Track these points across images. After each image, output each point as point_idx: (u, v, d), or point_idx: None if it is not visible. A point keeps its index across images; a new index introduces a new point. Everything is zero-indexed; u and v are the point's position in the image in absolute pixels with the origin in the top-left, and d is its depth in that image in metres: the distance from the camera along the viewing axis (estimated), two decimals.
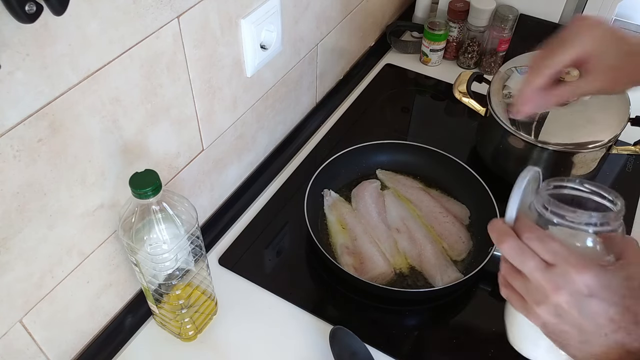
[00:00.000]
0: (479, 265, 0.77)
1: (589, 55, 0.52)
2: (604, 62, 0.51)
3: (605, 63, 0.51)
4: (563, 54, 0.52)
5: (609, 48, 0.51)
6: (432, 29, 1.16)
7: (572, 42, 0.51)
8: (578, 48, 0.51)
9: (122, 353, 0.74)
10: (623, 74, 0.53)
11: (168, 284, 0.67)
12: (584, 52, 0.51)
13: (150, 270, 0.66)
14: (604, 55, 0.51)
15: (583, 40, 0.51)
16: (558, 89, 0.55)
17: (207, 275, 0.72)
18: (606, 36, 0.51)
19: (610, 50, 0.51)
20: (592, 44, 0.51)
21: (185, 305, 0.70)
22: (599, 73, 0.52)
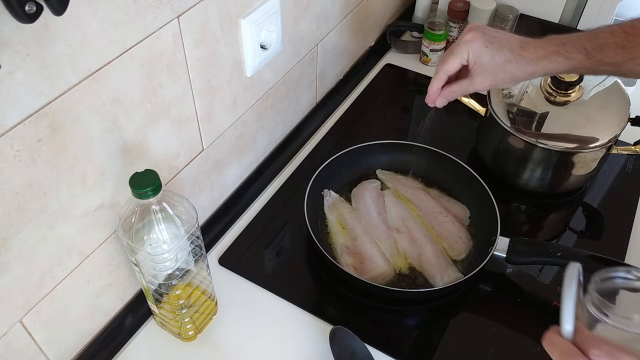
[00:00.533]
0: (479, 265, 0.77)
1: (470, 63, 0.66)
2: (481, 68, 0.65)
3: (482, 69, 0.65)
4: (451, 63, 0.67)
5: (484, 58, 0.65)
6: (432, 29, 1.16)
7: (456, 53, 0.66)
8: (459, 58, 0.66)
9: (122, 353, 0.74)
10: (500, 77, 0.66)
11: (168, 284, 0.67)
12: (465, 60, 0.66)
13: (150, 270, 0.66)
14: (480, 65, 0.65)
15: (463, 53, 0.66)
16: (451, 87, 0.69)
17: (207, 275, 0.72)
18: (482, 50, 0.65)
19: (485, 60, 0.65)
20: (470, 55, 0.65)
21: (185, 305, 0.70)
22: (479, 76, 0.66)
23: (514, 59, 0.65)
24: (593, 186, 0.97)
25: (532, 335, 0.76)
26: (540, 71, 0.65)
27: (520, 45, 0.65)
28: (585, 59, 0.63)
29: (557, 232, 0.92)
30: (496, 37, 0.66)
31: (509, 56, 0.65)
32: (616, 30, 0.62)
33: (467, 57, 0.66)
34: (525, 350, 0.74)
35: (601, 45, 0.62)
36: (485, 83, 0.67)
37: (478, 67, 0.66)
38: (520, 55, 0.65)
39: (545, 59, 0.64)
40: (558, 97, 0.86)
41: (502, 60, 0.65)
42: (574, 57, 0.64)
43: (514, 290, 0.82)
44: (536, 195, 0.95)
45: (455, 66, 0.67)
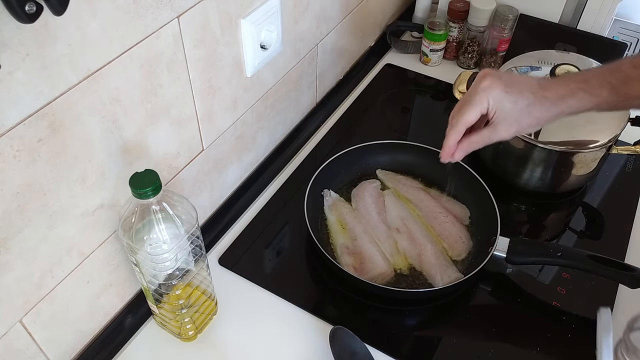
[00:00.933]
0: (479, 265, 0.77)
1: (490, 112, 0.62)
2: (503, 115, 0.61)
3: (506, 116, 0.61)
4: (469, 115, 0.62)
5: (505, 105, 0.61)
6: (432, 29, 1.16)
7: (475, 103, 0.61)
8: (479, 107, 0.61)
9: (122, 353, 0.74)
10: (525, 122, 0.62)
11: (168, 284, 0.67)
12: (485, 110, 0.62)
13: (150, 270, 0.66)
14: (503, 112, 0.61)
15: (483, 102, 0.61)
16: (471, 138, 0.64)
17: (207, 275, 0.72)
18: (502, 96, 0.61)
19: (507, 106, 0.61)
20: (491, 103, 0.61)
21: (185, 305, 0.70)
22: (503, 124, 0.62)
23: (537, 101, 0.61)
24: (593, 186, 0.97)
25: (532, 335, 0.76)
26: (567, 110, 0.61)
27: (541, 86, 0.62)
28: (611, 94, 0.60)
29: (557, 232, 0.92)
30: (515, 81, 0.62)
31: (532, 99, 0.61)
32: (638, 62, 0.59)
33: (488, 105, 0.61)
34: (525, 350, 0.74)
35: (626, 79, 0.59)
36: (510, 130, 0.62)
37: (500, 114, 0.61)
38: (543, 96, 0.61)
39: (569, 97, 0.60)
40: None
41: (525, 104, 0.61)
42: (599, 94, 0.60)
43: (514, 290, 0.82)
44: (536, 195, 0.95)
45: (475, 117, 0.62)
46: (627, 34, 1.19)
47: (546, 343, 0.75)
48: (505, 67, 0.93)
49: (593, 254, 0.76)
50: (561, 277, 0.82)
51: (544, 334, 0.76)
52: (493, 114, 0.62)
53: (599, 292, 0.80)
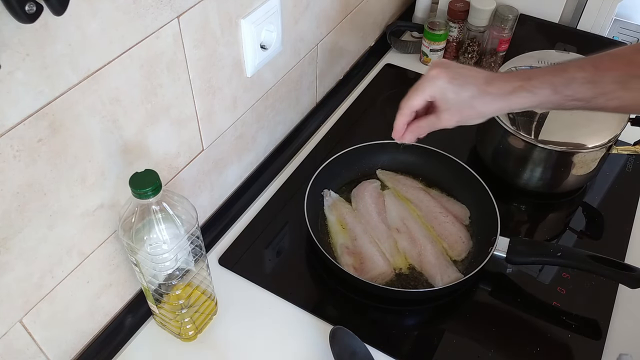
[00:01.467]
0: (479, 265, 0.77)
1: (435, 100, 0.65)
2: (447, 105, 0.64)
3: (448, 106, 0.64)
4: (415, 100, 0.65)
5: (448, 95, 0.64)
6: (432, 29, 1.16)
7: (420, 90, 0.65)
8: (423, 94, 0.65)
9: (122, 353, 0.74)
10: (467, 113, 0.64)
11: (168, 284, 0.67)
12: (430, 97, 0.65)
13: (150, 270, 0.66)
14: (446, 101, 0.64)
15: (427, 89, 0.65)
16: (419, 122, 0.67)
17: (207, 275, 0.72)
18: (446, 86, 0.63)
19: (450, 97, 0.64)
20: (435, 92, 0.64)
21: (185, 305, 0.70)
22: (445, 113, 0.65)
23: (479, 94, 0.63)
24: (593, 186, 0.97)
25: (532, 335, 0.76)
26: (507, 107, 0.63)
27: (486, 80, 0.63)
28: (553, 94, 0.61)
29: (557, 232, 0.92)
30: (462, 72, 0.64)
31: (475, 92, 0.63)
32: (585, 65, 0.60)
33: (432, 93, 0.65)
34: (525, 350, 0.74)
35: (569, 80, 0.60)
36: (452, 119, 0.65)
37: (444, 103, 0.64)
38: (485, 90, 0.63)
39: (511, 94, 0.62)
40: None
41: (467, 96, 0.63)
42: (541, 92, 0.61)
43: (514, 290, 0.82)
44: (536, 195, 0.95)
45: (419, 103, 0.65)
46: (627, 34, 1.19)
47: (546, 343, 0.75)
48: (505, 67, 0.93)
49: (593, 254, 0.76)
50: (561, 277, 0.82)
51: (544, 334, 0.76)
52: (438, 101, 0.65)
53: (599, 292, 0.80)
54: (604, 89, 0.59)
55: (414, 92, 0.66)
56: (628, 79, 0.57)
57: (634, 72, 0.57)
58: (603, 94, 0.59)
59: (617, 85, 0.58)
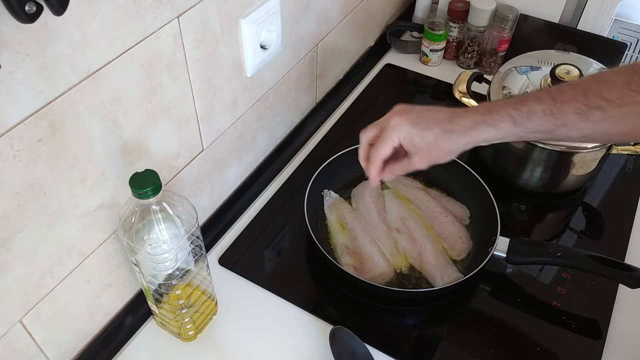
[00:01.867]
0: (479, 265, 0.77)
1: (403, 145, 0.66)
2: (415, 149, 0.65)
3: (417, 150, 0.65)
4: (383, 150, 0.66)
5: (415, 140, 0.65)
6: (432, 29, 1.16)
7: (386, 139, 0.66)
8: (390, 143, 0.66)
9: (122, 353, 0.74)
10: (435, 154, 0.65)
11: (168, 284, 0.67)
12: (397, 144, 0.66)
13: (150, 270, 0.66)
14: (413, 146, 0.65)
15: (393, 138, 0.65)
16: (393, 166, 0.69)
17: (207, 275, 0.72)
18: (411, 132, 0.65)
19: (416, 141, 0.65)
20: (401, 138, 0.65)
21: (185, 305, 0.70)
22: (416, 156, 0.66)
23: (444, 134, 0.64)
24: (593, 186, 0.97)
25: (532, 335, 0.76)
26: (473, 141, 0.64)
27: (448, 119, 0.65)
28: (514, 127, 0.61)
29: (557, 232, 0.92)
30: (423, 115, 0.66)
31: (438, 133, 0.64)
32: (544, 97, 0.60)
33: (398, 141, 0.66)
34: (525, 350, 0.74)
35: (528, 113, 0.60)
36: (423, 162, 0.66)
37: (412, 148, 0.65)
38: (449, 129, 0.64)
39: (474, 129, 0.63)
40: None
41: (432, 138, 0.64)
42: (502, 126, 0.62)
43: (514, 290, 0.82)
44: (536, 195, 0.95)
45: (388, 151, 0.67)
46: (627, 34, 1.19)
47: (546, 343, 0.75)
48: (505, 67, 0.93)
49: (593, 254, 0.76)
50: (561, 277, 0.82)
51: (544, 334, 0.76)
52: (406, 147, 0.66)
53: (599, 292, 0.80)
54: (564, 121, 0.59)
55: (380, 142, 0.67)
56: (587, 110, 0.57)
57: (592, 103, 0.57)
58: (564, 125, 0.59)
59: (577, 116, 0.58)
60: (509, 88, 0.89)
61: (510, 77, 0.91)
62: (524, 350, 0.74)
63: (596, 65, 0.91)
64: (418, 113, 0.66)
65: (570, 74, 0.84)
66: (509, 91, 0.89)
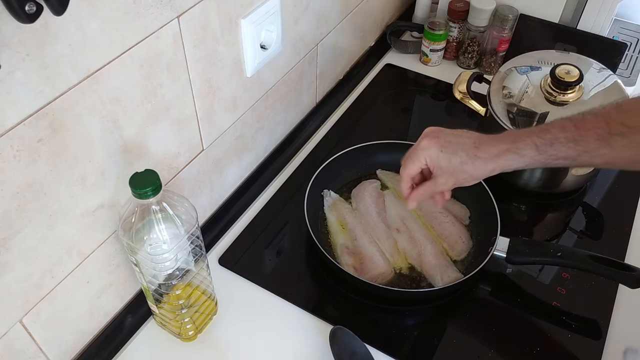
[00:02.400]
0: (479, 265, 0.77)
1: (430, 167, 0.69)
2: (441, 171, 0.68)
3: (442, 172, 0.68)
4: (411, 168, 0.70)
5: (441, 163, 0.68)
6: (432, 29, 1.16)
7: (414, 160, 0.69)
8: (418, 164, 0.69)
9: (122, 353, 0.74)
10: (461, 177, 0.68)
11: (168, 284, 0.67)
12: (424, 165, 0.69)
13: (150, 270, 0.66)
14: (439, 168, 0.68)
15: (420, 159, 0.69)
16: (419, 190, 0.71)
17: (207, 275, 0.72)
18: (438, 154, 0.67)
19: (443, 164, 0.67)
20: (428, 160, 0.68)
21: (185, 305, 0.70)
22: (441, 178, 0.68)
23: (470, 160, 0.66)
24: (593, 186, 0.97)
25: (532, 335, 0.76)
26: (498, 169, 0.66)
27: (475, 145, 0.66)
28: (538, 154, 0.63)
29: (557, 232, 0.92)
30: (451, 140, 0.68)
31: (465, 158, 0.66)
32: (567, 125, 0.62)
33: (425, 162, 0.69)
34: (525, 350, 0.74)
35: (552, 141, 0.62)
36: (448, 184, 0.69)
37: (438, 170, 0.68)
38: (475, 155, 0.66)
39: (499, 157, 0.65)
40: (558, 97, 0.86)
41: (458, 162, 0.66)
42: (526, 154, 0.63)
43: (514, 290, 0.82)
44: (536, 195, 0.95)
45: (415, 171, 0.70)
46: (627, 34, 1.19)
47: (546, 343, 0.75)
48: (505, 67, 0.93)
49: (593, 254, 0.76)
50: (561, 277, 0.82)
51: (544, 334, 0.76)
52: (432, 169, 0.69)
53: (599, 292, 0.80)
54: (587, 147, 0.60)
55: (409, 161, 0.70)
56: (609, 137, 0.59)
57: (614, 130, 0.58)
58: (586, 152, 0.61)
59: (600, 143, 0.59)
60: (509, 88, 0.89)
61: (510, 77, 0.91)
62: (524, 350, 0.74)
63: (596, 65, 0.91)
64: (446, 137, 0.68)
65: (570, 74, 0.84)
66: (509, 91, 0.89)
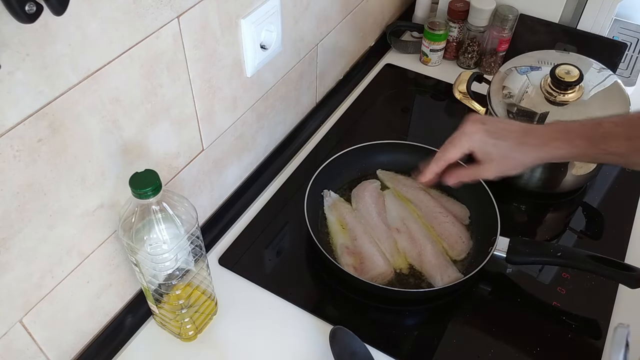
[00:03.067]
0: (479, 265, 0.77)
1: (475, 153, 0.68)
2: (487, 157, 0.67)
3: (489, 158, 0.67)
4: (452, 153, 0.69)
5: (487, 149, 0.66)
6: (432, 29, 1.16)
7: (457, 145, 0.68)
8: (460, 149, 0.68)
9: (122, 353, 0.74)
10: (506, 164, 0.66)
11: (168, 284, 0.67)
12: (468, 151, 0.68)
13: (150, 270, 0.66)
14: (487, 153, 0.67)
15: (464, 144, 0.67)
16: (462, 171, 0.70)
17: (207, 275, 0.72)
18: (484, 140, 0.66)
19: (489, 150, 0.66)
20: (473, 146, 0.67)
21: (185, 305, 0.70)
22: (487, 164, 0.67)
23: (518, 146, 0.65)
24: (593, 186, 0.97)
25: (532, 335, 0.76)
26: (546, 156, 0.65)
27: (524, 131, 0.66)
28: (589, 146, 0.63)
29: (557, 232, 0.92)
30: (499, 126, 0.67)
31: (513, 144, 0.65)
32: (620, 121, 0.62)
33: (470, 147, 0.67)
34: (525, 351, 0.74)
35: (604, 135, 0.62)
36: (492, 170, 0.67)
37: (485, 155, 0.67)
38: (523, 142, 0.65)
39: (548, 145, 0.64)
40: (558, 97, 0.86)
41: (506, 148, 0.66)
42: (578, 144, 0.63)
43: (514, 290, 0.82)
44: (536, 195, 0.95)
45: (456, 156, 0.69)
46: (627, 34, 1.19)
47: (546, 343, 0.75)
48: (505, 67, 0.93)
49: (593, 254, 0.76)
50: (561, 277, 0.82)
51: (544, 334, 0.76)
52: (478, 154, 0.68)
53: (599, 292, 0.80)
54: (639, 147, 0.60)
55: (451, 145, 0.68)
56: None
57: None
58: (637, 150, 0.61)
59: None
60: (509, 88, 0.89)
61: (510, 77, 0.91)
62: (524, 350, 0.74)
63: (596, 65, 0.91)
64: (493, 123, 0.68)
65: (570, 74, 0.84)
66: (509, 91, 0.89)
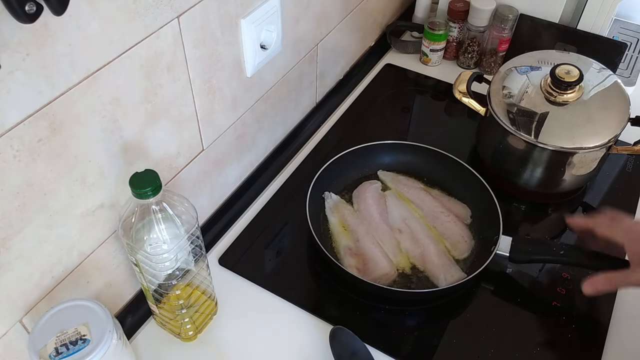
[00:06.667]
0: (482, 264, 0.77)
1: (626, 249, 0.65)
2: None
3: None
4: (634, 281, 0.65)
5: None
6: (432, 29, 1.16)
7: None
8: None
9: None
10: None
11: (168, 284, 0.67)
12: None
13: (150, 270, 0.66)
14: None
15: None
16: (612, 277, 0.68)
17: (207, 275, 0.72)
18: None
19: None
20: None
21: (185, 305, 0.70)
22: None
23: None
24: (593, 186, 0.97)
25: (532, 335, 0.76)
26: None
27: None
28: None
29: (557, 232, 0.92)
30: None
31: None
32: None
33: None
34: (525, 351, 0.74)
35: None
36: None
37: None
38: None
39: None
40: (558, 97, 0.86)
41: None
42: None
43: (515, 290, 0.82)
44: (536, 195, 0.95)
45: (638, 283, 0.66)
46: (627, 34, 1.19)
47: (546, 343, 0.75)
48: (505, 67, 0.93)
49: (596, 252, 0.76)
50: (561, 277, 0.82)
51: (544, 334, 0.76)
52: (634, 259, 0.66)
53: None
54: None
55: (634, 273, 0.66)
56: None
57: None
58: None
59: None
60: (509, 88, 0.89)
61: (510, 77, 0.91)
62: (524, 350, 0.74)
63: (596, 65, 0.91)
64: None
65: (570, 74, 0.84)
66: (509, 91, 0.89)
